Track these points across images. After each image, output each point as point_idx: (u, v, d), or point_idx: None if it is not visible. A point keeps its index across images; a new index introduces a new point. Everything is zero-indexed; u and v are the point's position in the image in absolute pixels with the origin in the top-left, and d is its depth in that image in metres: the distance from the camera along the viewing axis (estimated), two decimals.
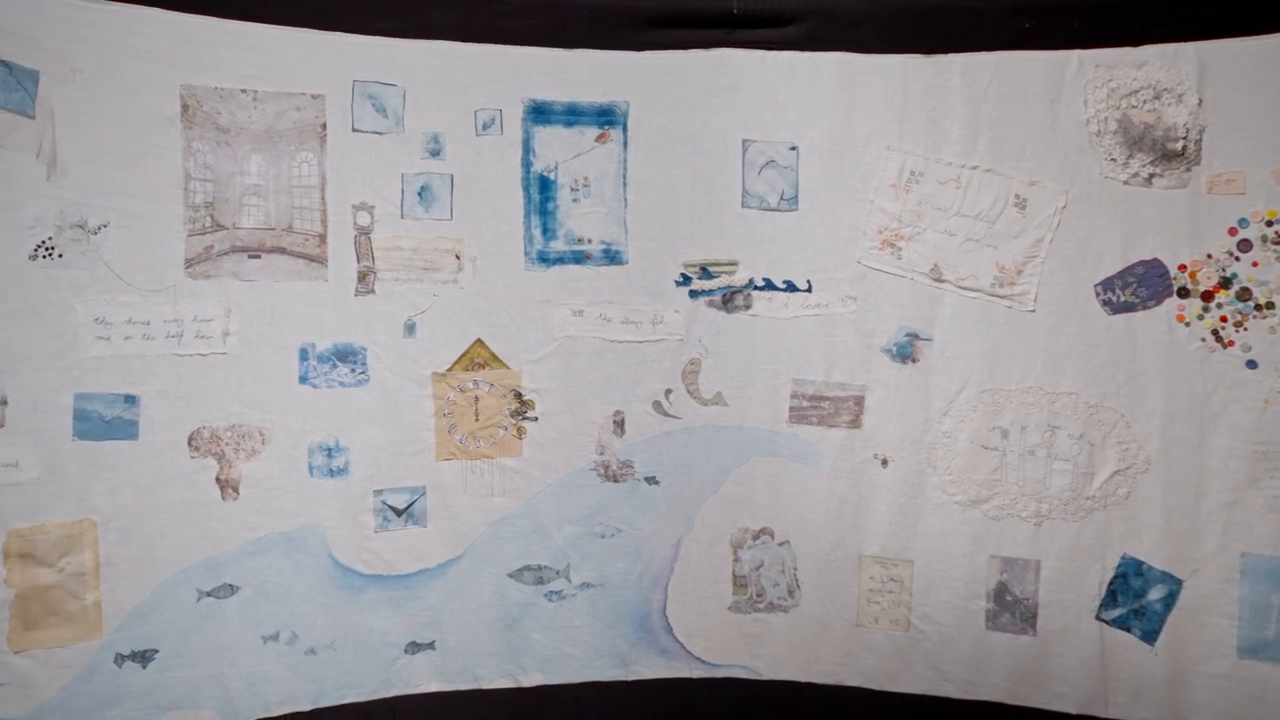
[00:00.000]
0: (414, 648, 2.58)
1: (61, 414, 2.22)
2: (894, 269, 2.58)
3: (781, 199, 2.62)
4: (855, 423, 2.62)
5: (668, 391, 2.66)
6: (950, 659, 2.59)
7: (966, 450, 2.56)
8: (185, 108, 2.33)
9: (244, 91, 2.38)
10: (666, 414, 2.66)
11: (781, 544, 2.69)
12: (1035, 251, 2.50)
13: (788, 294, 2.64)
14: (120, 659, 2.30)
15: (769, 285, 2.64)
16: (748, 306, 2.65)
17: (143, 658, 2.32)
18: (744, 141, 2.62)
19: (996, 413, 2.55)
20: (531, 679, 2.65)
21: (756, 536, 2.69)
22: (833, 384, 2.62)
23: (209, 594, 2.38)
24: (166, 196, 2.32)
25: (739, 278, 2.65)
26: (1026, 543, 2.54)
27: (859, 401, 2.62)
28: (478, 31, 2.56)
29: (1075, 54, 2.47)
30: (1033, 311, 2.51)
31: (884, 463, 2.61)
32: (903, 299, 2.58)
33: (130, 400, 2.29)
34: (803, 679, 2.69)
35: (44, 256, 2.20)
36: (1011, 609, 2.55)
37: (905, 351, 2.59)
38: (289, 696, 2.47)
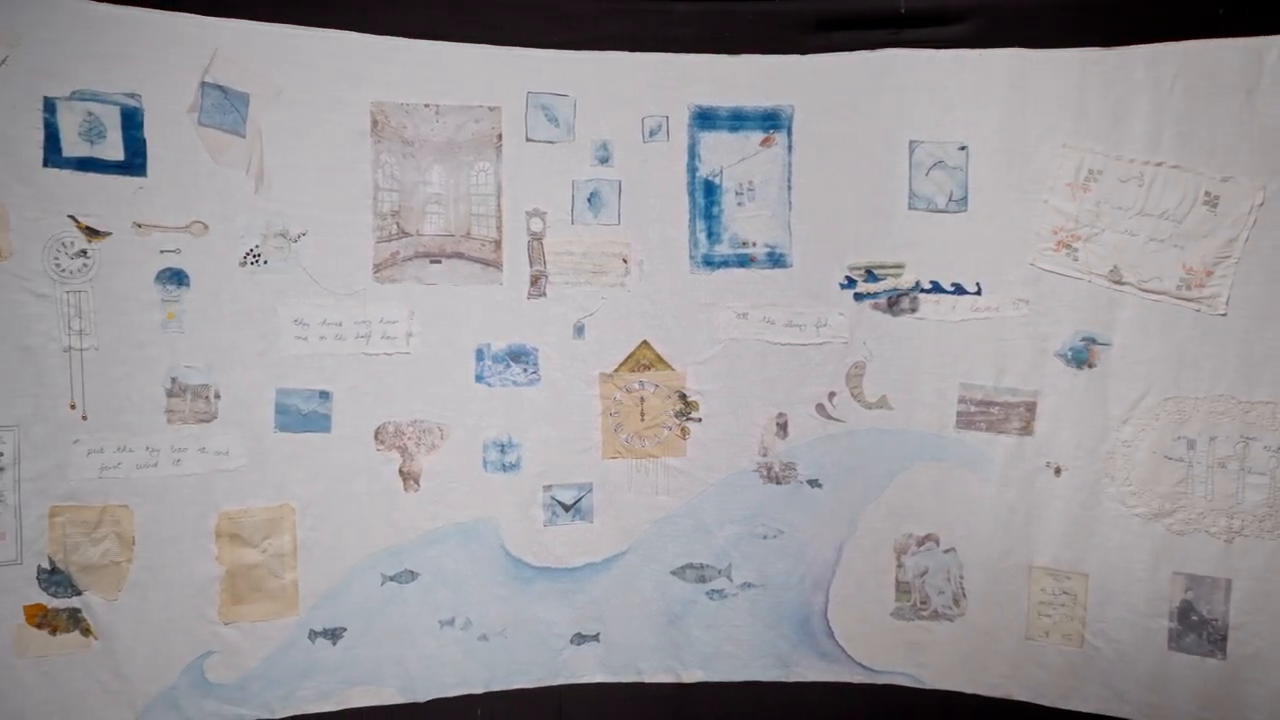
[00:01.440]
0: (580, 639, 2.66)
1: (265, 408, 2.42)
2: (1070, 271, 2.49)
3: (950, 200, 2.57)
4: (1027, 429, 2.54)
5: (831, 394, 2.65)
6: (1129, 679, 2.48)
7: (1148, 461, 2.44)
8: (375, 123, 2.48)
9: (427, 106, 2.52)
10: (830, 417, 2.66)
11: (947, 551, 2.63)
12: (1228, 251, 2.36)
13: (956, 297, 2.59)
14: (314, 635, 2.48)
15: (936, 288, 2.60)
16: (914, 309, 2.61)
17: (333, 635, 2.49)
18: (911, 142, 2.58)
19: (1182, 422, 2.42)
20: (692, 675, 2.70)
21: (921, 543, 2.65)
22: (1003, 389, 2.55)
23: (392, 579, 2.53)
24: (357, 206, 2.48)
25: (905, 280, 2.61)
26: (1215, 560, 2.40)
27: (1030, 407, 2.54)
28: (646, 41, 2.62)
29: (1276, 40, 2.31)
30: (1224, 315, 2.37)
31: (1057, 471, 2.52)
32: (1079, 302, 2.49)
33: (324, 396, 2.46)
34: (968, 690, 2.63)
35: (251, 263, 2.40)
36: (1197, 629, 2.41)
37: (1081, 356, 2.49)
38: (463, 679, 2.60)
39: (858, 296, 2.63)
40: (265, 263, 2.40)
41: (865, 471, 2.66)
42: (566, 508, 2.63)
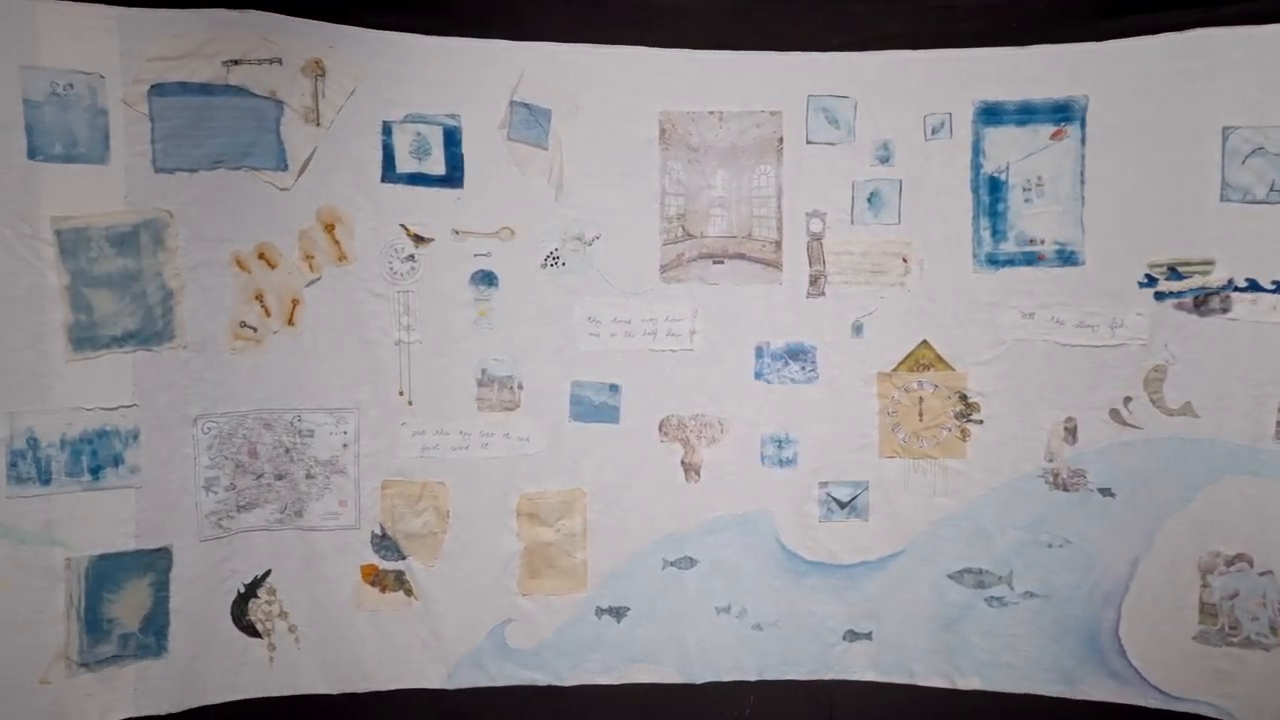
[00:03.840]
0: (852, 636, 2.68)
1: (561, 399, 2.62)
2: None
3: (1271, 190, 2.36)
4: None
5: (1127, 399, 2.51)
6: None
7: None
8: (663, 131, 2.62)
9: (712, 113, 2.63)
10: (1125, 423, 2.51)
11: (1262, 574, 2.42)
12: None
13: (1277, 296, 2.37)
14: (600, 612, 2.65)
15: (1254, 286, 2.39)
16: (1225, 309, 2.42)
17: (617, 613, 2.66)
18: (1225, 129, 2.40)
19: None
20: (968, 682, 2.64)
21: (1231, 563, 2.45)
22: None
23: (672, 564, 2.66)
24: (646, 210, 2.63)
25: (1215, 278, 2.43)
26: None
27: None
28: (927, 38, 2.59)
29: None
30: None
31: None
32: None
33: (614, 389, 2.63)
34: None
35: (551, 265, 2.60)
36: None
37: None
38: (737, 665, 2.68)
39: (1159, 296, 2.47)
40: (563, 264, 2.60)
41: (1164, 483, 2.50)
42: (842, 505, 2.66)
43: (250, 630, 2.54)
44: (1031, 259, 2.56)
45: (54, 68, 2.26)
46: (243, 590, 2.53)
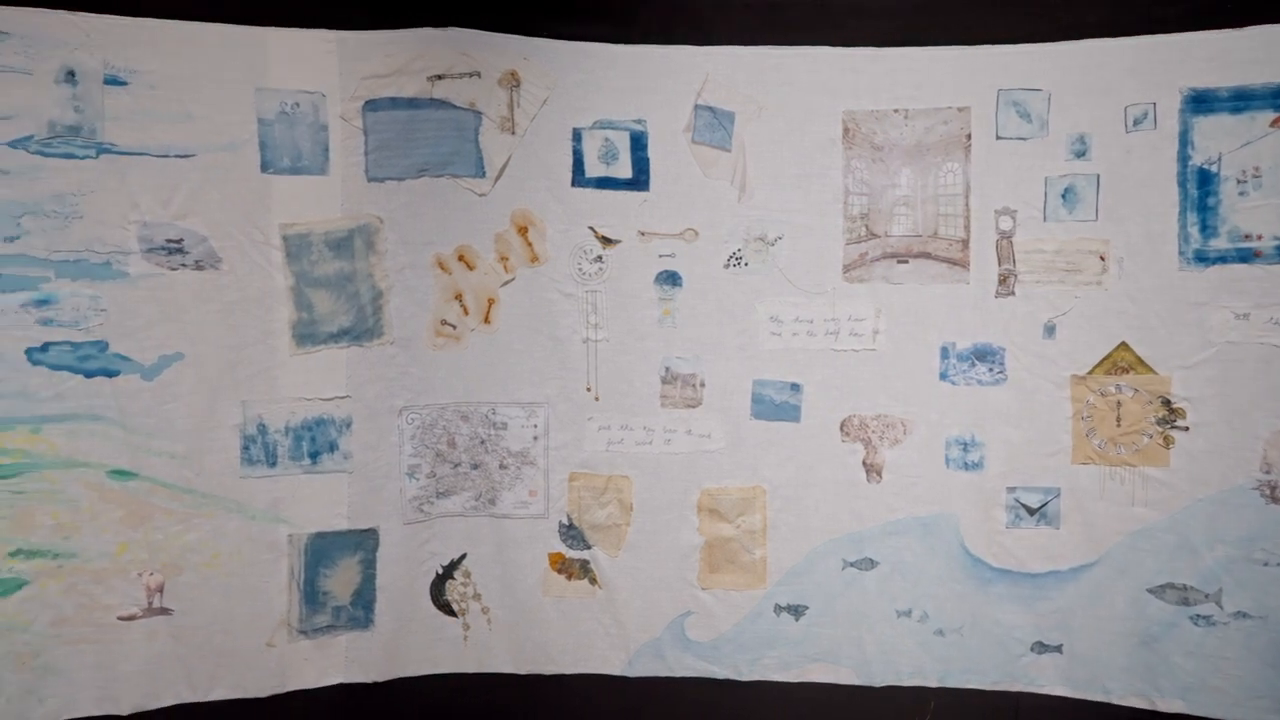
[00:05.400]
0: (1040, 647, 2.59)
1: (743, 396, 2.66)
2: None
3: None
4: None
5: None
6: None
7: None
8: (846, 131, 2.62)
9: (896, 111, 2.60)
10: None
11: None
12: None
13: None
14: (778, 609, 2.68)
15: None
16: None
17: (795, 611, 2.67)
18: None
19: None
20: (1169, 704, 2.50)
21: None
22: None
23: (852, 564, 2.65)
24: (829, 210, 2.63)
25: None
26: None
27: None
28: (1127, 25, 2.48)
29: None
30: None
31: None
32: None
33: (795, 388, 2.65)
34: None
35: (734, 265, 2.65)
36: None
37: None
38: (918, 670, 2.65)
39: None
40: (746, 264, 2.64)
41: None
42: (1031, 511, 2.57)
43: (447, 609, 2.70)
44: (1247, 256, 2.40)
45: (282, 88, 2.49)
46: (441, 571, 2.70)
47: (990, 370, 2.58)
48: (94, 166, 2.35)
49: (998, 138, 2.56)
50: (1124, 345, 2.50)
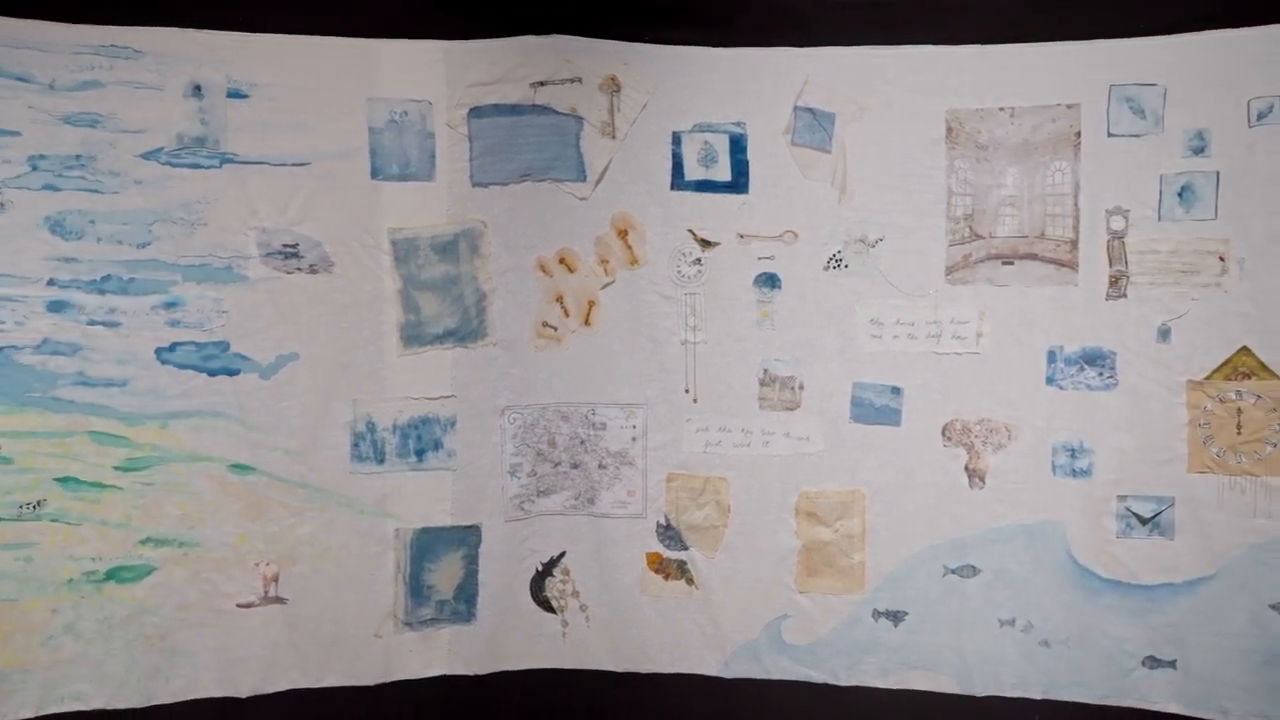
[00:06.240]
0: (1153, 662, 2.50)
1: (842, 399, 2.64)
2: None
3: None
4: None
5: None
6: None
7: None
8: (949, 130, 2.58)
9: (1002, 110, 2.55)
10: None
11: None
12: None
13: None
14: (877, 615, 2.65)
15: None
16: None
17: (894, 617, 2.64)
18: None
19: None
20: None
21: None
22: None
23: (953, 571, 2.61)
24: (931, 211, 2.59)
25: None
26: None
27: None
28: (1254, 14, 2.38)
29: None
30: None
31: None
32: None
33: (895, 391, 2.62)
34: None
35: (834, 267, 2.63)
36: None
37: None
38: (1021, 680, 2.58)
39: None
40: (846, 266, 2.62)
41: None
42: (1143, 520, 2.49)
43: (546, 606, 2.76)
44: None
45: (392, 98, 2.58)
46: (540, 569, 2.76)
47: (1100, 374, 2.51)
48: (217, 176, 2.47)
49: (1109, 135, 2.48)
50: (1245, 350, 2.40)
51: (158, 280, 2.45)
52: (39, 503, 2.38)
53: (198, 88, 2.45)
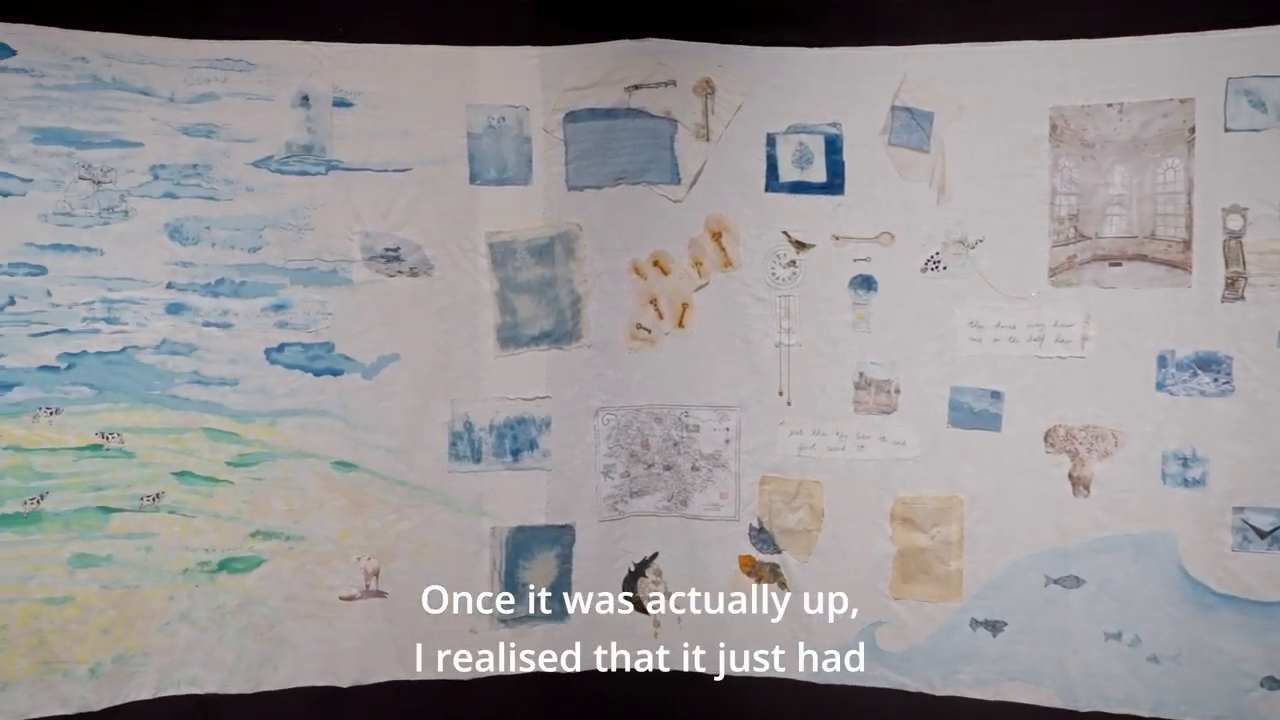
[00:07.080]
0: (1272, 683, 2.38)
1: (939, 403, 2.59)
2: None
3: None
4: None
5: None
6: None
7: None
8: (1053, 128, 2.50)
9: (1110, 106, 2.47)
10: None
11: None
12: None
13: None
14: (974, 623, 2.59)
15: None
16: None
17: (993, 626, 2.58)
18: None
19: None
20: None
21: None
22: None
23: (1055, 581, 2.53)
24: (1034, 211, 2.52)
25: None
26: None
27: None
28: None
29: None
30: None
31: None
32: None
33: (996, 395, 2.56)
34: None
35: (931, 269, 2.58)
36: None
37: None
38: (1128, 697, 2.49)
39: None
40: (944, 268, 2.57)
41: None
42: (1262, 534, 2.38)
43: (639, 606, 2.77)
44: None
45: (490, 103, 2.63)
46: (633, 569, 2.77)
47: (1215, 380, 2.41)
48: (323, 182, 2.56)
49: (1226, 130, 2.38)
50: None
51: (267, 283, 2.55)
52: (158, 495, 2.50)
53: (305, 97, 2.53)
